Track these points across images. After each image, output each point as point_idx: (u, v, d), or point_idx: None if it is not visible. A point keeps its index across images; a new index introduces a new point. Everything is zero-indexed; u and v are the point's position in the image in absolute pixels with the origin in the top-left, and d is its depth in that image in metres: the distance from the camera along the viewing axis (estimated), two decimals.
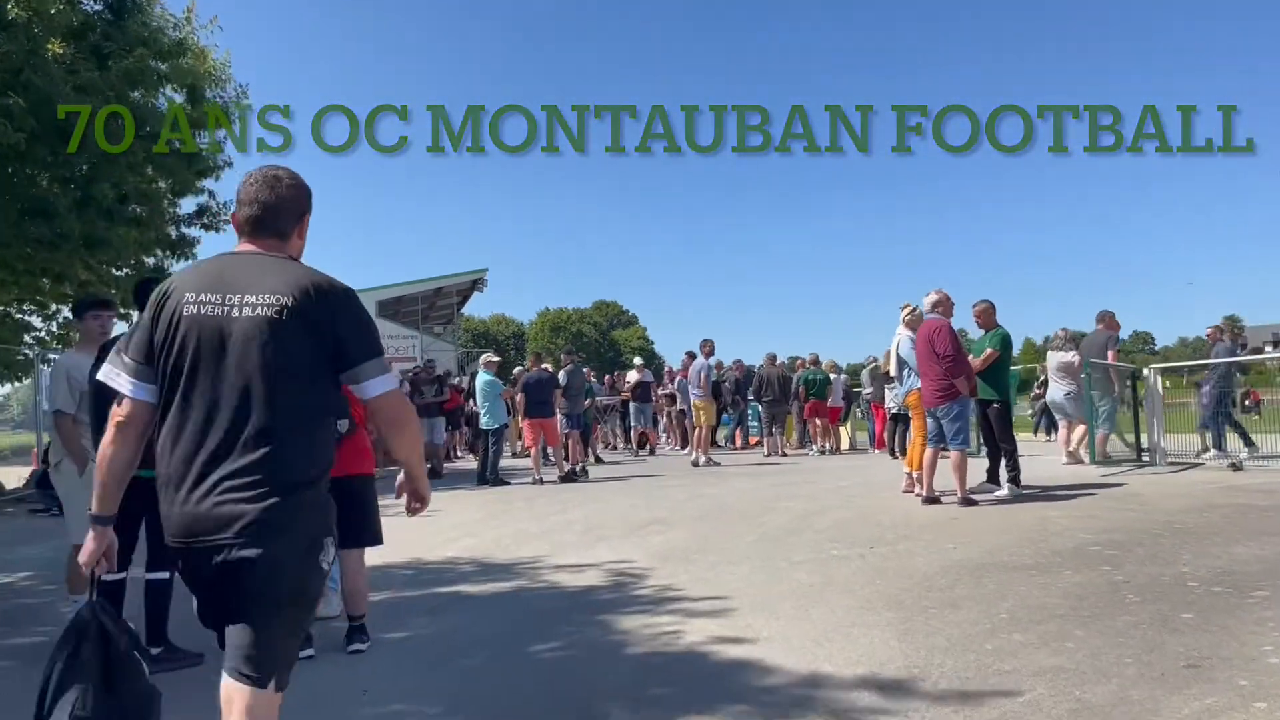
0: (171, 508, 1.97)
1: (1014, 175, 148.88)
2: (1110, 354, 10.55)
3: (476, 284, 31.94)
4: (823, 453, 15.49)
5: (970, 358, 8.21)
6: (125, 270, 14.85)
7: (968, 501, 7.43)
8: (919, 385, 8.00)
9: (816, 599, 4.62)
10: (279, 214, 2.18)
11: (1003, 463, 8.17)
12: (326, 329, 2.01)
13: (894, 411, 13.45)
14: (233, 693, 1.97)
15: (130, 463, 2.09)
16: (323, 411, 2.12)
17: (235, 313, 1.98)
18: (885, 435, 14.40)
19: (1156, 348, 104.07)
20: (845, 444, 17.16)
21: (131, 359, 2.06)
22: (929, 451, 7.83)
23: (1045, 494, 7.95)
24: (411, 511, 2.41)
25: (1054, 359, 10.87)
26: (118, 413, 2.06)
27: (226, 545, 1.92)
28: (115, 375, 2.08)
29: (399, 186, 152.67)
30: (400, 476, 2.40)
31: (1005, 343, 8.47)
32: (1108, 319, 11.00)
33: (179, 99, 13.59)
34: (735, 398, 17.17)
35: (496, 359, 12.66)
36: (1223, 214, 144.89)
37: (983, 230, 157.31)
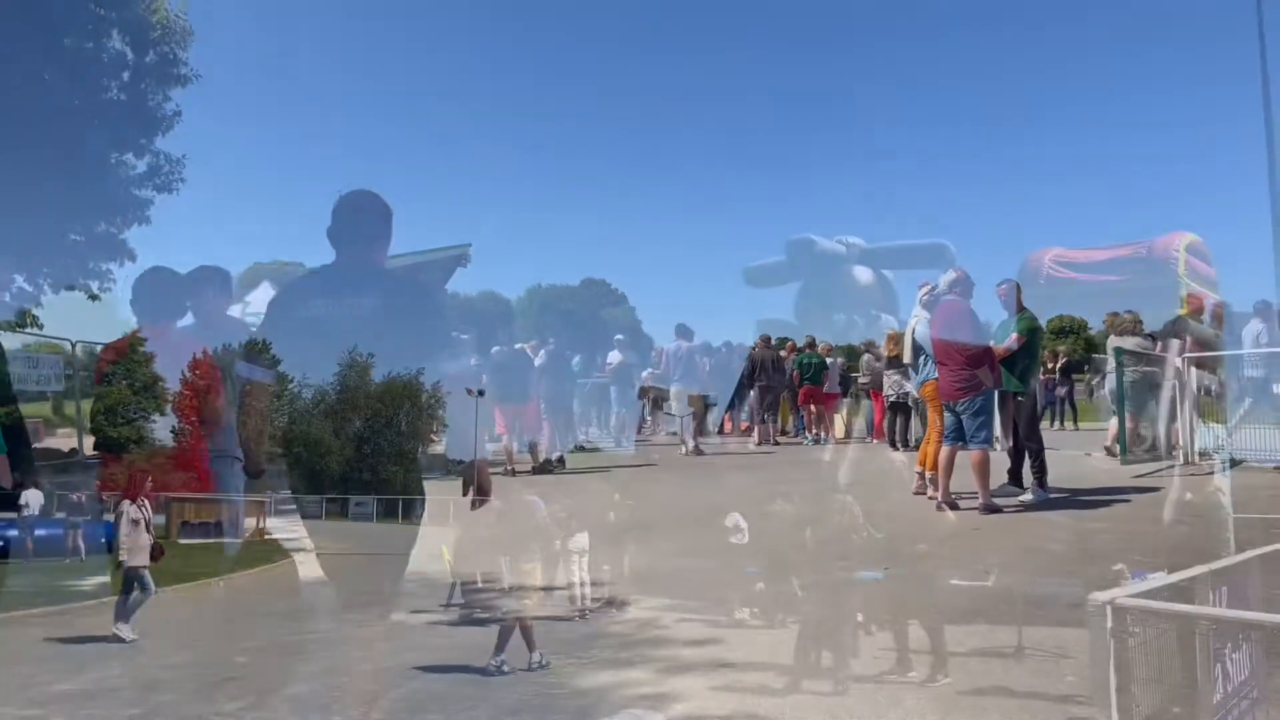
0: None
1: (1007, 163, 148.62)
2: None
3: (459, 260, 30.88)
4: (817, 441, 14.62)
5: (991, 344, 7.30)
6: (75, 237, 13.76)
7: (990, 508, 6.57)
8: (937, 374, 7.09)
9: (829, 645, 3.74)
10: None
11: (1027, 462, 7.30)
12: None
13: (892, 400, 12.56)
14: None
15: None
16: None
17: None
18: (885, 425, 13.52)
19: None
20: (840, 432, 16.32)
21: None
22: (945, 450, 6.93)
23: (1075, 499, 7.08)
24: None
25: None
26: None
27: None
28: None
29: (385, 163, 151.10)
30: None
31: (1032, 328, 7.52)
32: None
33: (129, 53, 12.54)
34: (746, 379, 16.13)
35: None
36: (1221, 203, 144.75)
37: (972, 217, 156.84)
